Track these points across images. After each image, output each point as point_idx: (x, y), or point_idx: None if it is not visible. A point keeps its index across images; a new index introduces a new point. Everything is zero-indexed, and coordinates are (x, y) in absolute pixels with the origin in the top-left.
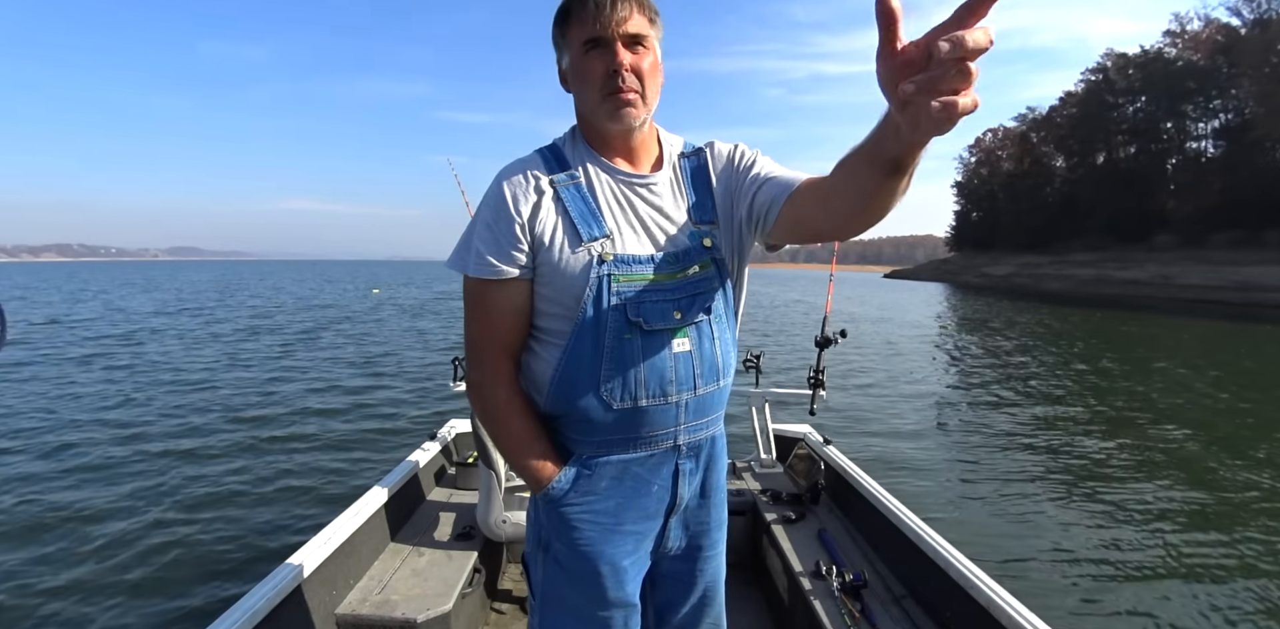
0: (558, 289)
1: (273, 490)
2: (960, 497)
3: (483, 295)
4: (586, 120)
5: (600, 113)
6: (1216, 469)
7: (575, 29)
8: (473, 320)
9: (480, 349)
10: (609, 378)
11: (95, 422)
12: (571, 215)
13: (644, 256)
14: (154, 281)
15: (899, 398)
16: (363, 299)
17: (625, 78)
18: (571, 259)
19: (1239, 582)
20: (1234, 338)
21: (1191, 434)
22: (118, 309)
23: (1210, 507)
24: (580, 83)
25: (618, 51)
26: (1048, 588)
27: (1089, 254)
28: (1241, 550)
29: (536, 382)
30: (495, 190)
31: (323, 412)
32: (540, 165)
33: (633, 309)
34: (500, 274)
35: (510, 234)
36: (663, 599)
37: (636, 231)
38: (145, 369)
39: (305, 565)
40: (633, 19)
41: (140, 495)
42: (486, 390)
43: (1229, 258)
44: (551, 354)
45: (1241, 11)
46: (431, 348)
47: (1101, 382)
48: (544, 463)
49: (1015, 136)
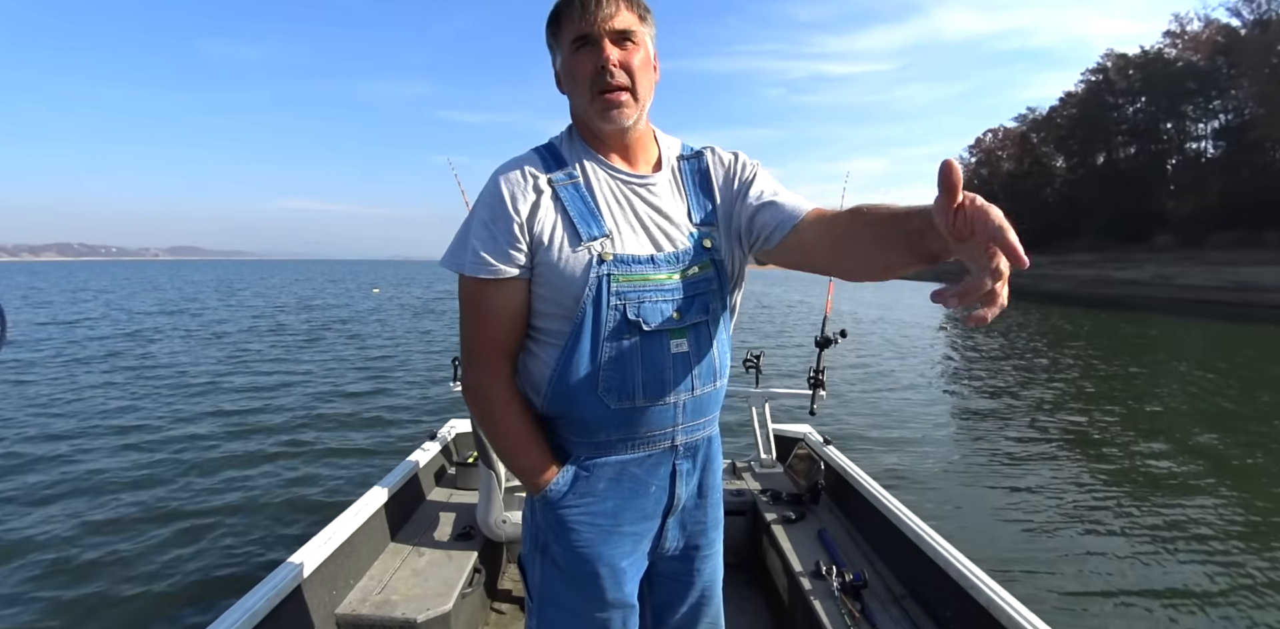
0: (556, 289)
1: (272, 490)
2: (959, 496)
3: (480, 295)
4: (581, 120)
5: (591, 111)
6: (1216, 469)
7: (565, 28)
8: (469, 321)
9: (477, 350)
10: (608, 378)
11: (94, 420)
12: (571, 214)
13: (644, 257)
14: (153, 281)
15: (898, 399)
16: (364, 298)
17: (614, 73)
18: (571, 258)
19: (1238, 583)
20: (1234, 338)
21: (1194, 434)
22: (121, 308)
23: (1210, 506)
24: (571, 81)
25: (605, 47)
26: (1048, 588)
27: (1089, 254)
28: (1242, 551)
29: (534, 382)
30: (492, 189)
31: (323, 411)
32: (538, 164)
33: (632, 309)
34: (498, 274)
35: (509, 233)
36: (660, 599)
37: (636, 231)
38: (146, 367)
39: (305, 565)
40: (620, 15)
41: (139, 495)
42: (484, 392)
43: (1227, 258)
44: (550, 354)
45: (1241, 12)
46: (432, 348)
47: (1096, 382)
48: (542, 464)
49: (1015, 137)
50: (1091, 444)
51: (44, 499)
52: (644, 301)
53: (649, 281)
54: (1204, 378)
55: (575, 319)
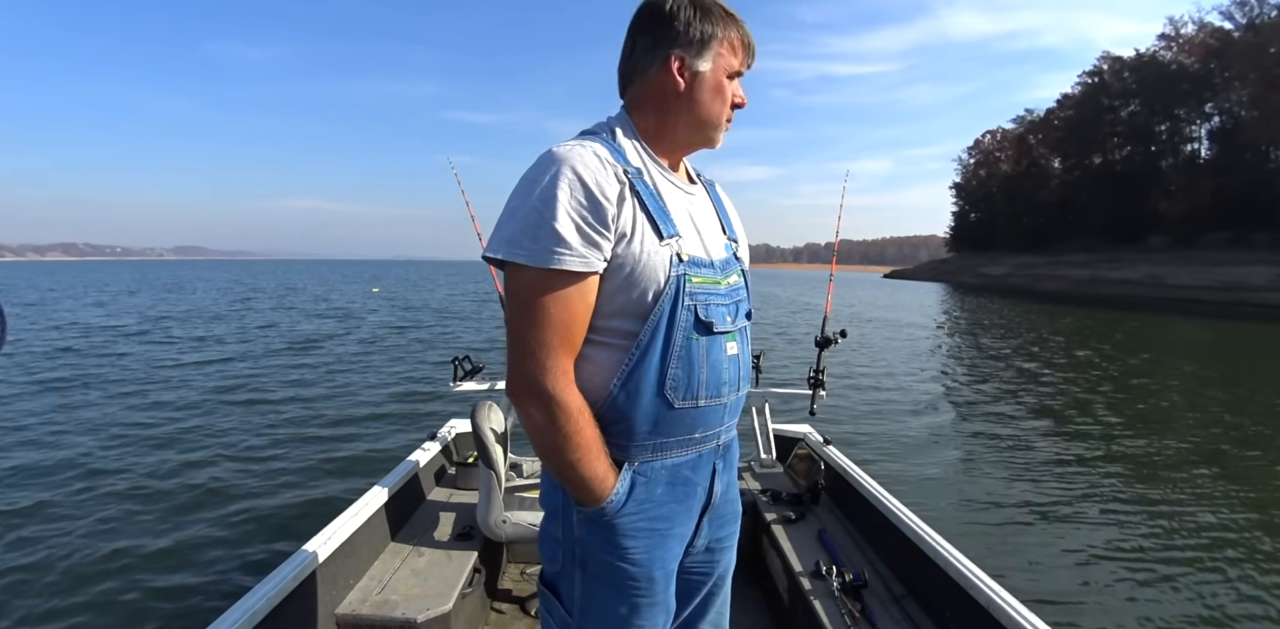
0: (636, 286)
1: (272, 490)
2: (959, 496)
3: (559, 291)
4: (663, 123)
5: (718, 127)
6: (1216, 469)
7: (736, 51)
8: (540, 321)
9: (548, 352)
10: (675, 377)
11: (95, 415)
12: (650, 210)
13: (705, 260)
14: (152, 278)
15: (894, 400)
16: (366, 297)
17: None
18: (655, 255)
19: (1239, 581)
20: (1223, 335)
21: (1195, 435)
22: (127, 309)
23: (1211, 507)
24: (714, 98)
25: (739, 86)
26: (1047, 588)
27: (1084, 255)
28: (1243, 550)
29: (596, 384)
30: (572, 172)
31: (323, 412)
32: (608, 153)
33: (703, 310)
34: (591, 266)
35: (603, 221)
36: (678, 592)
37: (694, 235)
38: (146, 365)
39: (305, 565)
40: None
41: (138, 495)
42: (561, 399)
43: (1218, 258)
44: (613, 355)
45: (1234, 15)
46: (432, 348)
47: (1096, 382)
48: (610, 471)
49: (1013, 138)
50: (1092, 444)
51: (44, 499)
52: (711, 304)
53: (712, 284)
54: (1205, 376)
55: (655, 317)
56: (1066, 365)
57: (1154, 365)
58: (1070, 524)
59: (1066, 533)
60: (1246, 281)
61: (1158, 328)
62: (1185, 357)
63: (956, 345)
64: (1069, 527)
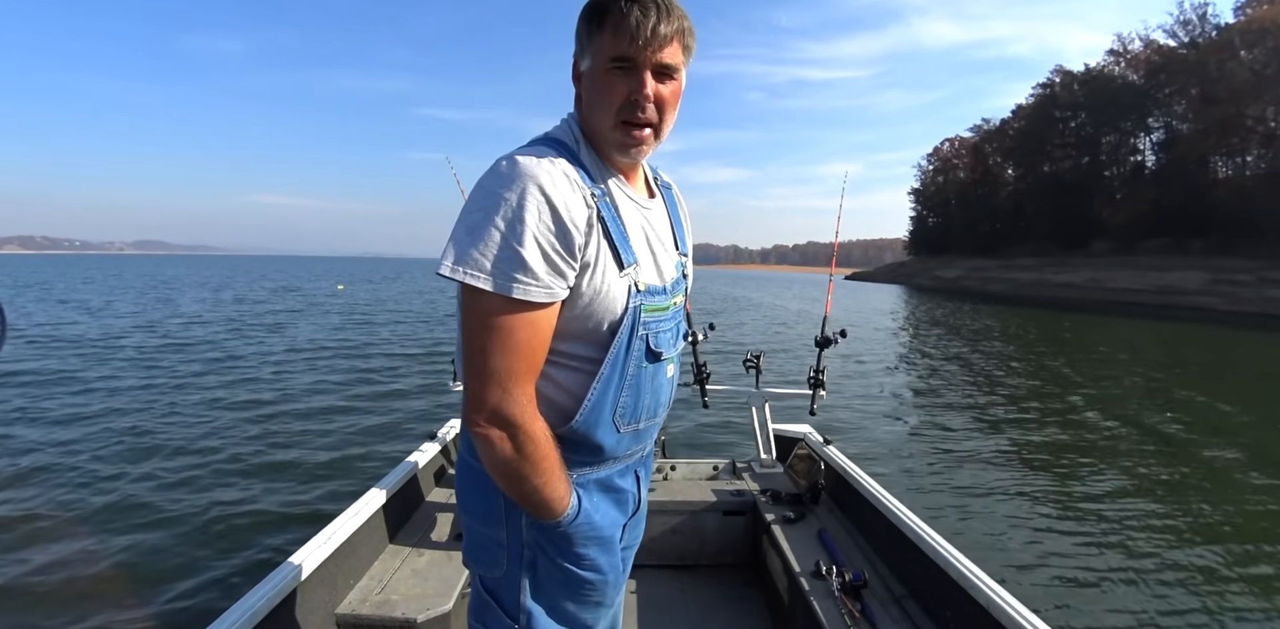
0: (593, 317)
1: (271, 490)
2: (959, 496)
3: (521, 318)
4: (593, 136)
5: (610, 140)
6: (1214, 467)
7: (608, 38)
8: (504, 348)
9: (511, 380)
10: (624, 405)
11: (93, 416)
12: (613, 237)
13: (658, 286)
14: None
15: (881, 397)
16: (333, 296)
17: (646, 108)
18: (615, 286)
19: (1238, 582)
20: (1166, 336)
21: (1195, 436)
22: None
23: (1210, 507)
24: (597, 98)
25: (645, 80)
26: (1048, 588)
27: (1032, 259)
28: (1242, 550)
29: (561, 408)
30: (541, 193)
31: (323, 413)
32: (574, 172)
33: (654, 339)
34: (554, 297)
35: (570, 250)
36: None
37: (649, 259)
38: (136, 365)
39: (305, 565)
40: (670, 47)
41: (137, 495)
42: (526, 426)
43: (1154, 264)
44: (577, 379)
45: (1178, 33)
46: (432, 347)
47: (1070, 384)
48: (570, 490)
49: (970, 147)
50: (1090, 439)
51: (44, 499)
52: (661, 332)
53: (660, 311)
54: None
55: (614, 348)
56: (1021, 369)
57: (1151, 367)
58: (1071, 524)
59: (1068, 532)
60: (1180, 286)
61: (1096, 327)
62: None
63: (922, 348)
64: (1069, 526)
